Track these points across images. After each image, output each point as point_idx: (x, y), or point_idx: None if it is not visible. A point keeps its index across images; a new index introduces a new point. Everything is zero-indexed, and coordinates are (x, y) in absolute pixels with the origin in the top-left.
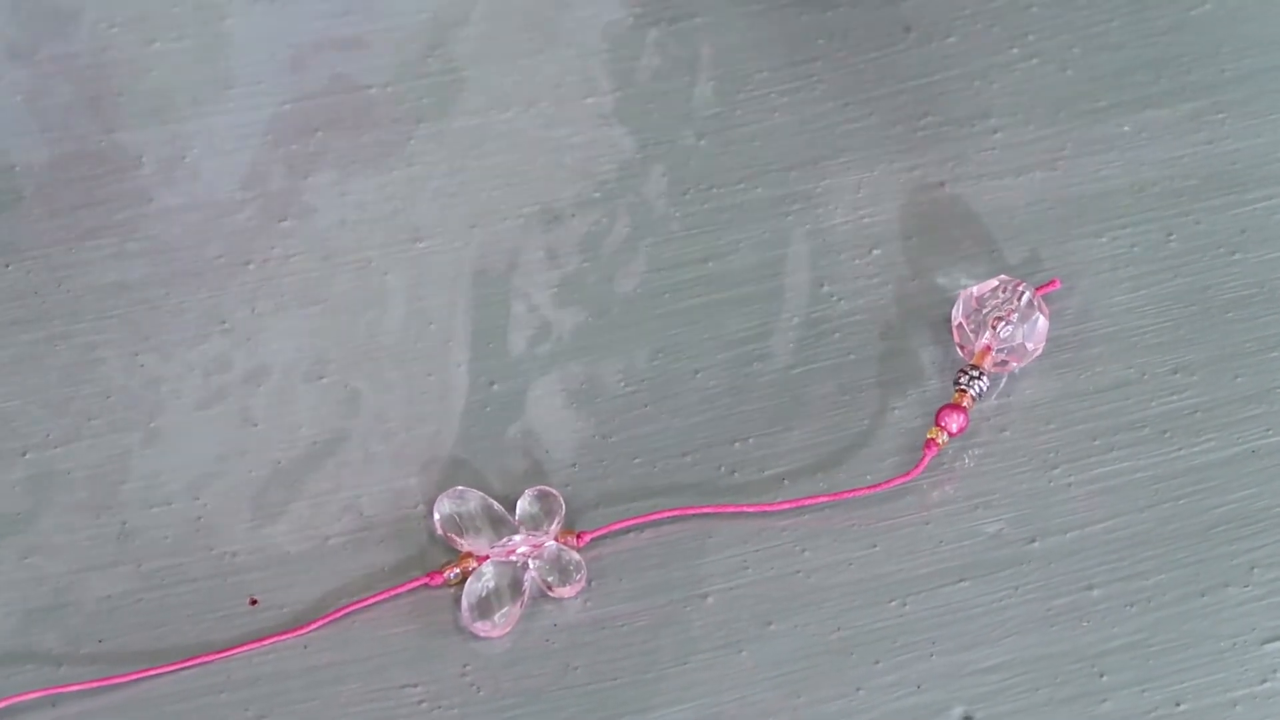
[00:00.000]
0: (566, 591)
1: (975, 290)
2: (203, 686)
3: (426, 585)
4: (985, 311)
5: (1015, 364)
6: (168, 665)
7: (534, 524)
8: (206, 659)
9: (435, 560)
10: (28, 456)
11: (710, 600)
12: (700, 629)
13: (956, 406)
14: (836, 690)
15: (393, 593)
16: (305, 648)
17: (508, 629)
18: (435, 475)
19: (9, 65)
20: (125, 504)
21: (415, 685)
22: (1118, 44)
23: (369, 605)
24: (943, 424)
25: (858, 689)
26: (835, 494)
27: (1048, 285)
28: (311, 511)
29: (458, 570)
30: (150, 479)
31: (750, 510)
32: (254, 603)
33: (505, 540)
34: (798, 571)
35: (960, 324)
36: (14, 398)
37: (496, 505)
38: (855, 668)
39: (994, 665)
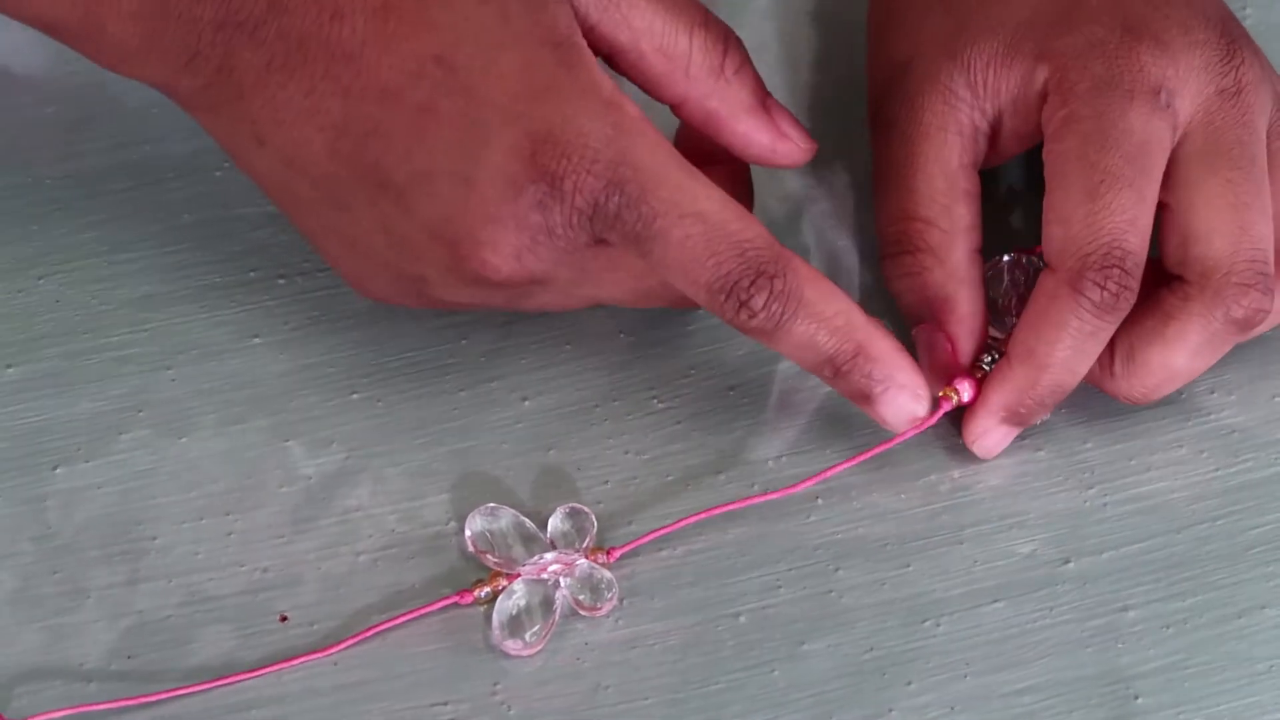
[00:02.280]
0: (598, 610)
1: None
2: (232, 704)
3: (456, 604)
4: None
5: None
6: (197, 685)
7: (565, 541)
8: (236, 679)
9: (466, 578)
10: (58, 471)
11: (742, 619)
12: (732, 648)
13: (969, 376)
14: (869, 711)
15: (422, 612)
16: (335, 665)
17: (539, 647)
18: (466, 491)
19: (42, 79)
20: (156, 519)
21: (445, 704)
22: None
23: (400, 623)
24: (957, 387)
25: (890, 709)
26: (853, 458)
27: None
28: (342, 528)
29: (488, 589)
30: (181, 494)
31: (772, 497)
32: (284, 620)
33: (537, 558)
34: (830, 591)
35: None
36: (46, 412)
37: (528, 522)
38: (888, 688)
39: (1028, 687)
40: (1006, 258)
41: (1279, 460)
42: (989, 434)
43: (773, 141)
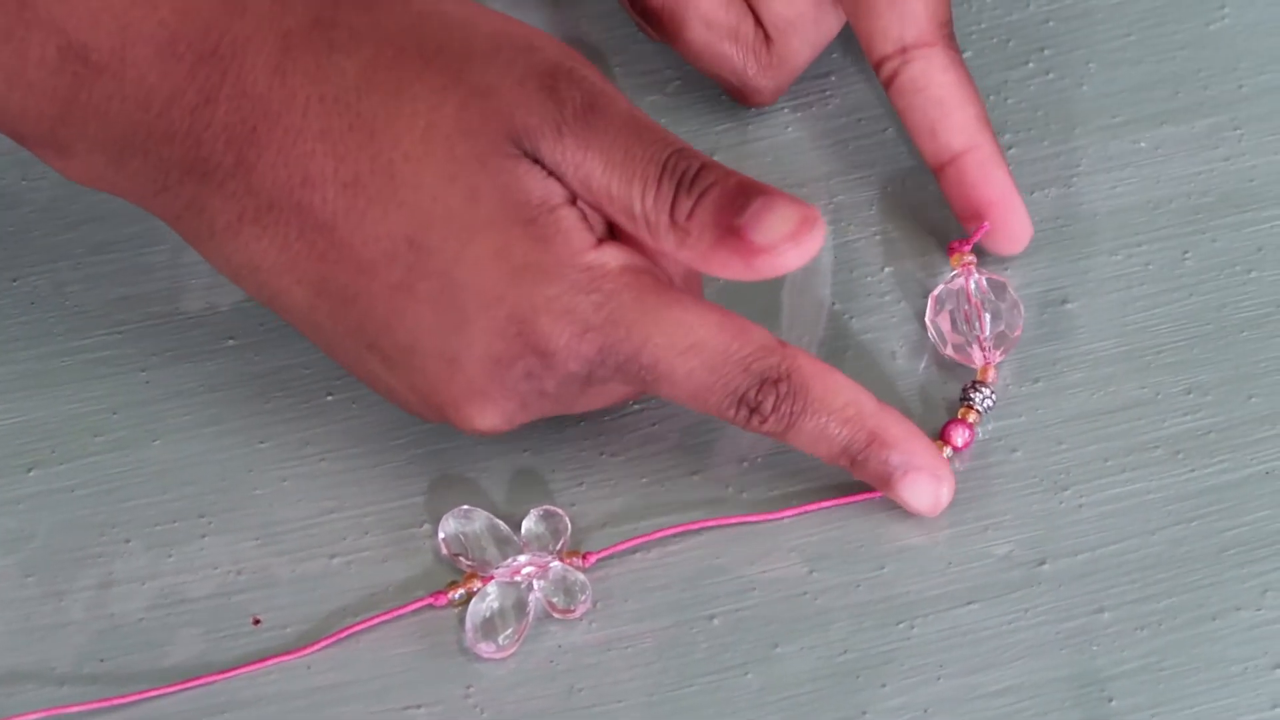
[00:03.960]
0: (572, 613)
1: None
2: (205, 706)
3: (431, 606)
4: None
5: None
6: (170, 686)
7: (540, 544)
8: (209, 679)
9: (440, 580)
10: (32, 473)
11: (716, 622)
12: (706, 651)
13: (962, 421)
14: (843, 713)
15: (396, 613)
16: (309, 668)
17: (512, 650)
18: (441, 493)
19: None
20: (129, 521)
21: (418, 706)
22: (1135, 59)
23: (373, 625)
24: (948, 439)
25: (864, 712)
26: (841, 498)
27: (977, 232)
28: (316, 530)
29: (462, 591)
30: (155, 497)
31: (754, 520)
32: (257, 622)
33: (510, 560)
34: (804, 593)
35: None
36: (19, 414)
37: (502, 525)
38: (862, 690)
39: (1003, 689)
40: (972, 269)
41: (1254, 462)
42: None
43: (746, 266)
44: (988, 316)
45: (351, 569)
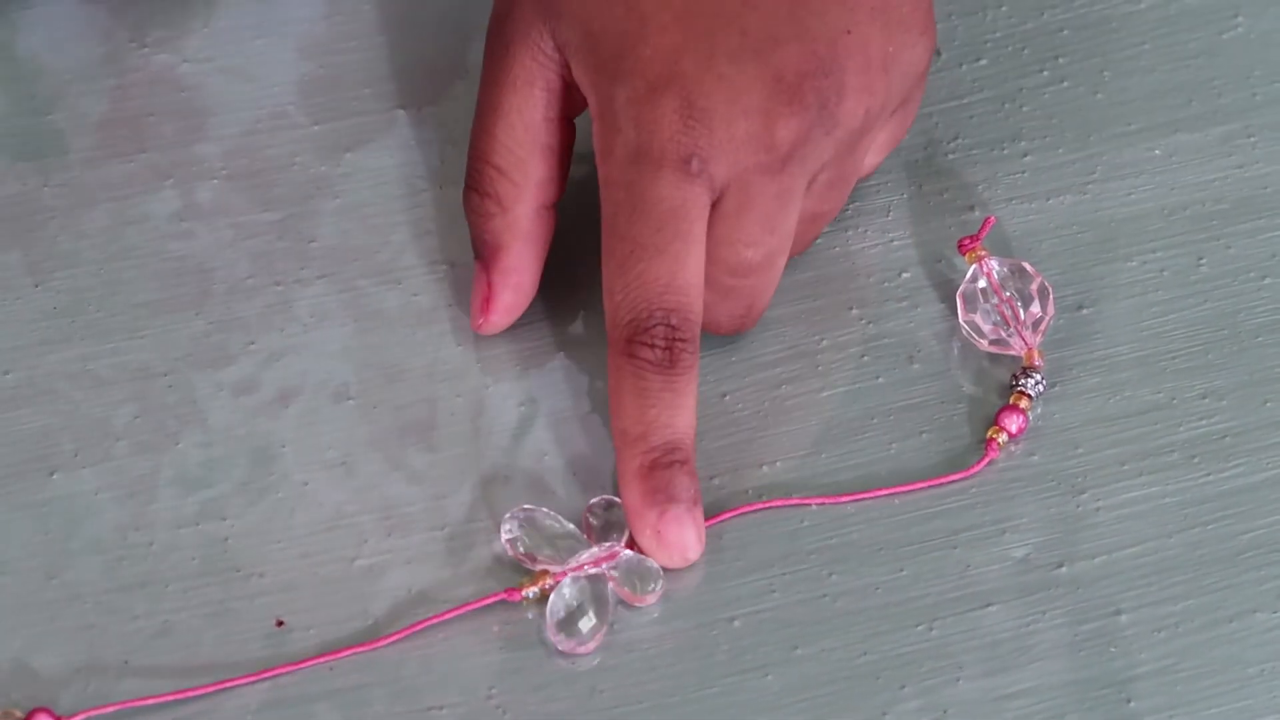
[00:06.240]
0: (646, 599)
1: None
2: (227, 707)
3: (505, 601)
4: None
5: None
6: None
7: (603, 534)
8: (289, 669)
9: (458, 582)
10: (55, 476)
11: (736, 624)
12: (726, 653)
13: (1014, 408)
14: (862, 715)
15: (472, 606)
16: (330, 670)
17: (596, 643)
18: (461, 498)
19: (41, 86)
20: (153, 524)
21: (441, 708)
22: (1148, 67)
23: (446, 619)
24: (1002, 425)
25: (884, 714)
26: (902, 486)
27: (984, 226)
28: (337, 534)
29: (535, 588)
30: (178, 500)
31: (815, 503)
32: (281, 624)
33: (579, 554)
34: (824, 595)
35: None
36: (43, 418)
37: (566, 522)
38: (882, 692)
39: (1021, 691)
40: (994, 262)
41: (1270, 465)
42: (667, 531)
43: None
44: (1020, 303)
45: (373, 572)
